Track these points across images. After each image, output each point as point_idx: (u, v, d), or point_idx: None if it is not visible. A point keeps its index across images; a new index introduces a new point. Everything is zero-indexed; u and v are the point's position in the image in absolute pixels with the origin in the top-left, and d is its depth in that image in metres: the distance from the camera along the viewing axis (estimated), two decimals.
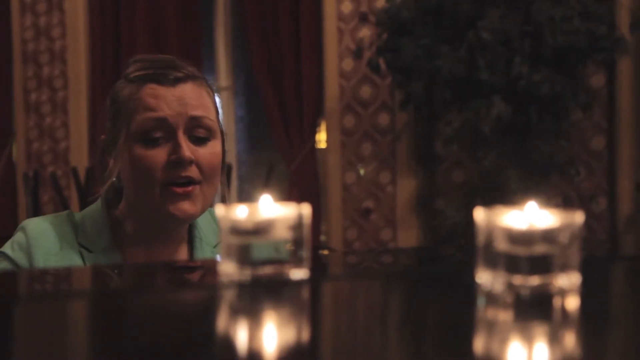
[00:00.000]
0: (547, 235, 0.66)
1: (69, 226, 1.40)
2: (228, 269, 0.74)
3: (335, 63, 4.66)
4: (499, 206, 0.71)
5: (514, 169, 3.83)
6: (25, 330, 0.69)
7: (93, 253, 1.38)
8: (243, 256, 0.73)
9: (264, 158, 4.93)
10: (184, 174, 1.35)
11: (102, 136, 1.45)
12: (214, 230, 1.50)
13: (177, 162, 1.34)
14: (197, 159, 1.36)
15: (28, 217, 4.97)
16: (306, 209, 0.74)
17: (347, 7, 4.65)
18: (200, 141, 1.38)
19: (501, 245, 0.67)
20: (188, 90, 1.38)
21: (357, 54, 4.31)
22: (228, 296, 0.75)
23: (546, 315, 0.66)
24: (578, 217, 0.67)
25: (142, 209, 1.39)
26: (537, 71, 3.67)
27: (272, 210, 0.74)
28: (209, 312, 0.73)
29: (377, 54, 4.04)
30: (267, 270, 0.73)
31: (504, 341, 0.62)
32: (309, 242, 0.74)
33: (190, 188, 1.35)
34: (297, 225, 0.74)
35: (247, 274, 0.73)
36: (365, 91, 4.62)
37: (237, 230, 0.73)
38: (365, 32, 4.57)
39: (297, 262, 0.74)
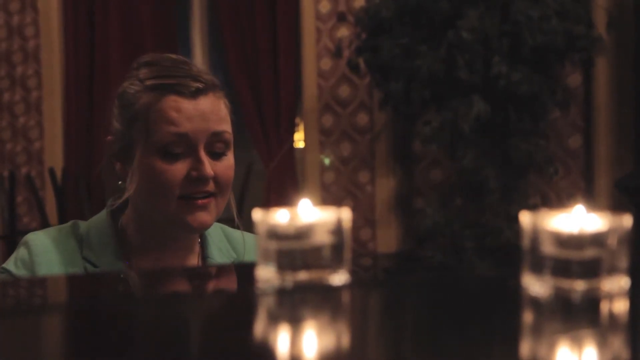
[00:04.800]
0: (597, 239, 0.66)
1: (73, 239, 1.38)
2: (266, 274, 0.73)
3: (313, 62, 4.65)
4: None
5: (492, 168, 3.85)
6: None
7: (99, 268, 1.36)
8: (282, 261, 0.72)
9: (242, 158, 4.90)
10: (202, 189, 1.34)
11: (109, 137, 1.41)
12: (226, 250, 1.48)
13: (198, 178, 1.33)
14: (215, 173, 1.35)
15: (3, 218, 4.90)
16: (346, 213, 0.73)
17: (324, 7, 4.64)
18: (217, 155, 1.37)
19: (549, 249, 0.67)
20: (209, 104, 1.36)
21: (337, 53, 4.30)
22: (268, 302, 0.74)
23: (596, 320, 0.66)
24: (626, 221, 0.67)
25: (154, 218, 1.37)
26: (515, 70, 3.69)
27: (311, 214, 0.73)
28: (249, 318, 0.72)
29: (356, 53, 4.04)
30: (307, 275, 0.72)
31: (553, 346, 0.62)
32: (349, 246, 0.73)
33: (207, 200, 1.35)
34: (337, 230, 0.73)
35: (286, 279, 0.72)
36: (344, 91, 4.61)
37: (276, 235, 0.72)
38: (344, 32, 4.56)
39: (338, 267, 0.73)
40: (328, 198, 4.58)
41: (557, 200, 4.24)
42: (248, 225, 1.61)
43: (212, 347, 0.62)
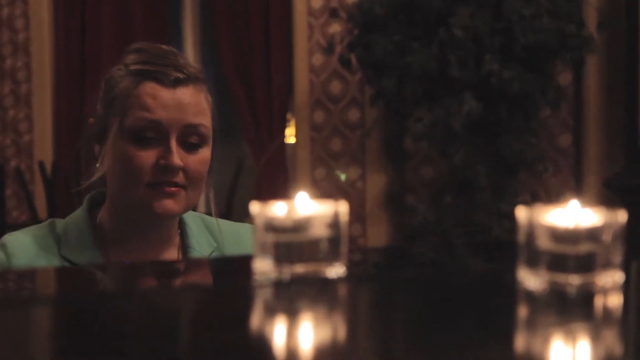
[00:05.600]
0: (592, 234, 0.66)
1: (51, 239, 1.38)
2: (263, 266, 0.73)
3: (305, 58, 4.65)
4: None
5: (483, 166, 3.86)
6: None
7: (78, 265, 1.36)
8: (279, 254, 0.72)
9: (233, 153, 4.90)
10: (170, 179, 1.33)
11: (91, 119, 1.42)
12: (207, 239, 1.48)
13: (166, 167, 1.33)
14: (186, 165, 1.34)
15: None
16: (343, 207, 0.74)
17: (317, 3, 4.64)
18: (191, 147, 1.36)
19: (544, 243, 0.67)
20: (187, 95, 1.35)
21: (329, 49, 4.30)
22: (265, 295, 0.74)
23: (590, 314, 0.67)
24: (621, 216, 0.68)
25: (123, 203, 1.38)
26: (507, 69, 3.70)
27: (308, 207, 0.73)
28: (246, 311, 0.72)
29: (348, 49, 4.04)
30: (303, 268, 0.73)
31: (548, 339, 0.62)
32: (345, 240, 0.74)
33: (175, 189, 1.34)
34: (334, 223, 0.73)
35: (283, 272, 0.72)
36: (335, 86, 4.62)
37: (273, 227, 0.72)
38: (336, 28, 4.56)
39: (334, 260, 0.73)
40: (319, 194, 4.57)
41: (547, 198, 4.26)
42: (240, 220, 1.62)
43: (209, 339, 0.62)
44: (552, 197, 4.24)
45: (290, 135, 4.89)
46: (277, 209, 0.73)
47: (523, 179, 4.19)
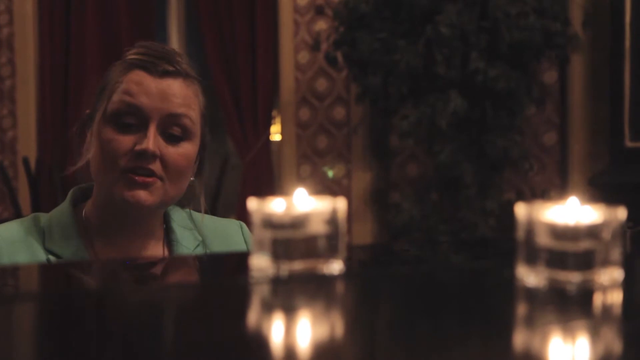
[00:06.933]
0: (592, 231, 0.66)
1: (35, 232, 1.37)
2: (261, 263, 0.73)
3: (291, 55, 4.64)
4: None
5: (468, 163, 3.87)
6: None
7: (63, 259, 1.35)
8: (277, 250, 0.72)
9: (219, 149, 4.88)
10: (146, 165, 1.33)
11: (87, 110, 1.43)
12: (192, 232, 1.48)
13: (141, 153, 1.32)
14: (164, 155, 1.34)
15: None
16: (341, 203, 0.73)
17: (302, 0, 4.63)
18: (173, 139, 1.36)
19: (544, 240, 0.67)
20: (174, 86, 1.36)
21: (315, 46, 4.30)
22: (263, 291, 0.74)
23: (590, 312, 0.67)
24: (620, 213, 0.68)
25: (101, 191, 1.38)
26: (493, 66, 3.71)
27: (306, 204, 0.73)
28: (243, 307, 0.72)
29: (334, 47, 4.04)
30: (301, 264, 0.72)
31: (547, 337, 0.62)
32: (344, 236, 0.73)
33: (150, 179, 1.33)
34: (333, 220, 0.73)
35: (281, 268, 0.72)
36: (321, 84, 4.61)
37: (271, 224, 0.72)
38: (322, 25, 4.56)
39: (333, 257, 0.73)
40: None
41: (532, 195, 4.28)
42: (224, 216, 1.62)
43: (206, 336, 0.62)
44: (537, 194, 4.26)
45: (275, 133, 4.88)
46: (275, 206, 0.73)
47: (508, 177, 4.20)
